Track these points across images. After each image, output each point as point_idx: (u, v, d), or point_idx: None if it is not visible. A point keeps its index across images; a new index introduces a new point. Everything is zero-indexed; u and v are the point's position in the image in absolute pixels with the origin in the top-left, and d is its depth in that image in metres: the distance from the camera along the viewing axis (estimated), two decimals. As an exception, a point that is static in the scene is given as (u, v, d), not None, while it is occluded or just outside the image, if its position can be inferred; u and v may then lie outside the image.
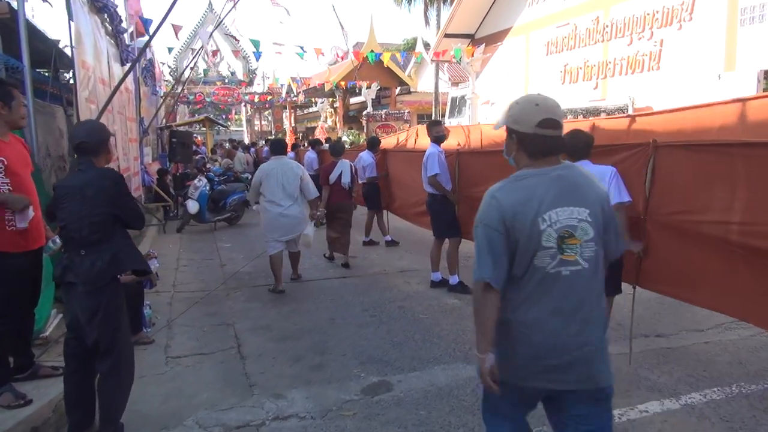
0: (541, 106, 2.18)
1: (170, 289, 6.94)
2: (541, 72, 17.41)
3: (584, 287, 2.15)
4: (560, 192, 2.15)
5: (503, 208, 2.14)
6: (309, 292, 6.77)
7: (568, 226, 2.11)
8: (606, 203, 2.25)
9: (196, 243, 9.98)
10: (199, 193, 10.83)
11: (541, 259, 2.10)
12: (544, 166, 2.19)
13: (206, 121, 18.08)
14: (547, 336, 2.12)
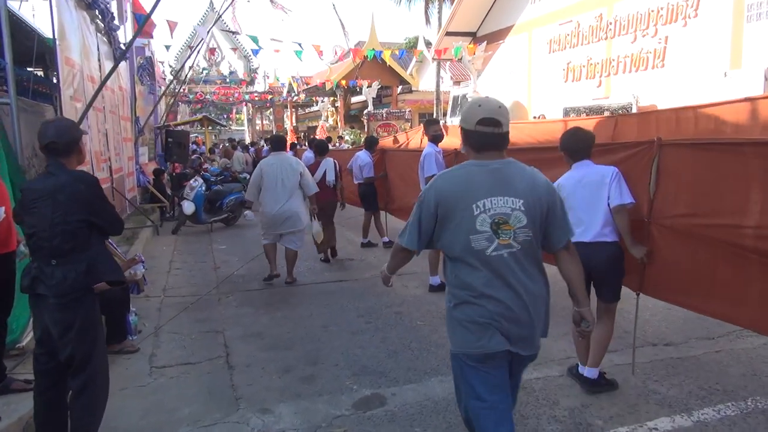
0: (483, 106, 2.47)
1: (160, 294, 6.72)
2: (544, 70, 17.15)
3: (521, 266, 2.42)
4: (496, 183, 2.41)
5: (440, 192, 2.45)
6: (303, 296, 6.54)
7: (502, 214, 2.38)
8: (545, 195, 2.47)
9: (191, 245, 9.76)
10: (194, 194, 10.61)
11: (479, 243, 2.38)
12: (485, 159, 2.46)
13: (205, 120, 17.80)
14: (498, 310, 2.40)
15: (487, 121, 2.42)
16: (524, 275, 2.42)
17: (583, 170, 3.98)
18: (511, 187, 2.41)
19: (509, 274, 2.39)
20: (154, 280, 7.25)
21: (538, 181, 2.49)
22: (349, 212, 11.04)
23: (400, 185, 8.41)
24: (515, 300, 2.40)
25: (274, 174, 6.68)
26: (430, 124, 6.52)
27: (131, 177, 10.53)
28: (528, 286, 2.42)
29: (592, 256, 3.89)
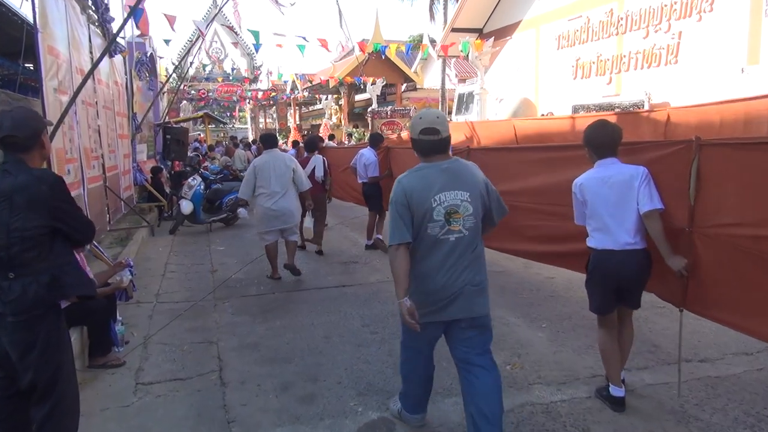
0: (423, 118, 2.97)
1: (153, 300, 6.28)
2: (552, 67, 16.68)
3: (465, 247, 2.90)
4: (447, 180, 2.86)
5: (406, 190, 2.88)
6: (304, 303, 6.10)
7: (453, 205, 2.85)
8: (483, 188, 2.99)
9: (188, 246, 9.32)
10: (193, 193, 10.17)
11: (432, 229, 2.85)
12: (435, 161, 2.93)
13: (206, 117, 17.31)
14: (438, 282, 2.89)
15: (427, 130, 2.91)
16: (467, 258, 2.92)
17: (609, 169, 3.54)
18: (460, 182, 2.90)
19: (456, 254, 2.89)
20: (147, 285, 6.82)
21: (478, 176, 3.03)
22: (353, 212, 10.61)
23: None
24: (461, 277, 2.91)
25: (268, 171, 6.67)
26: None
27: (127, 175, 10.11)
28: (472, 263, 2.94)
29: (621, 265, 3.48)
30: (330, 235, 9.49)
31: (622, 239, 3.46)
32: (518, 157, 5.24)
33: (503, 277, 6.83)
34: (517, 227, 5.17)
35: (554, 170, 4.55)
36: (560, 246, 4.59)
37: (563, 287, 6.26)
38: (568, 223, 3.98)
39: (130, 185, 10.28)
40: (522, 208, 5.01)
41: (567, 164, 4.33)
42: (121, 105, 9.83)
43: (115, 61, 9.52)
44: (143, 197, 11.71)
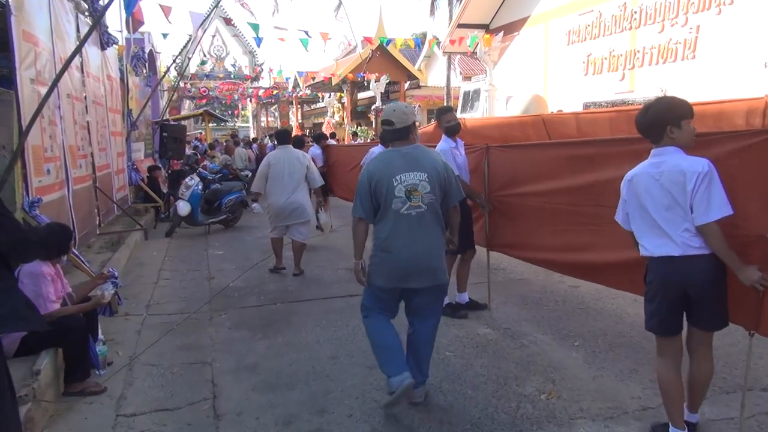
0: (384, 111, 3.54)
1: (143, 311, 5.70)
2: (562, 63, 16.08)
3: (426, 222, 3.36)
4: (407, 162, 3.36)
5: (371, 174, 3.40)
6: (308, 315, 5.51)
7: (413, 184, 3.32)
8: (442, 170, 3.39)
9: (185, 249, 8.74)
10: (190, 193, 9.59)
11: (396, 205, 3.32)
12: (398, 147, 3.45)
13: (206, 115, 16.63)
14: (404, 254, 3.34)
15: (384, 122, 3.42)
16: (426, 229, 3.33)
17: (664, 162, 2.90)
18: (418, 164, 3.32)
19: (417, 227, 3.30)
20: (138, 294, 6.25)
21: (437, 161, 3.42)
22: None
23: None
24: (419, 246, 3.31)
25: (281, 167, 6.71)
26: (443, 113, 5.36)
27: (121, 174, 9.53)
28: (429, 236, 3.35)
29: (684, 274, 2.86)
30: (336, 238, 8.91)
31: (682, 244, 2.86)
32: (550, 153, 4.64)
33: (523, 285, 6.24)
34: (548, 232, 4.60)
35: (599, 167, 3.96)
36: (604, 255, 3.99)
37: (591, 297, 5.67)
38: (613, 227, 3.40)
39: (124, 185, 9.70)
40: (555, 210, 4.43)
41: (614, 161, 3.74)
42: (114, 101, 9.25)
43: (108, 55, 8.94)
44: (139, 197, 11.14)
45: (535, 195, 4.71)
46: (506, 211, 5.12)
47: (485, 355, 4.42)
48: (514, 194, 4.96)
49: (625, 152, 3.57)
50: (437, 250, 3.43)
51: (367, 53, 21.40)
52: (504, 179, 5.11)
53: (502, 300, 5.70)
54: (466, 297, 5.49)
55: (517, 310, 5.47)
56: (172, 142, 10.83)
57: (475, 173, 5.39)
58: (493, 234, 5.32)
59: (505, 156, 5.15)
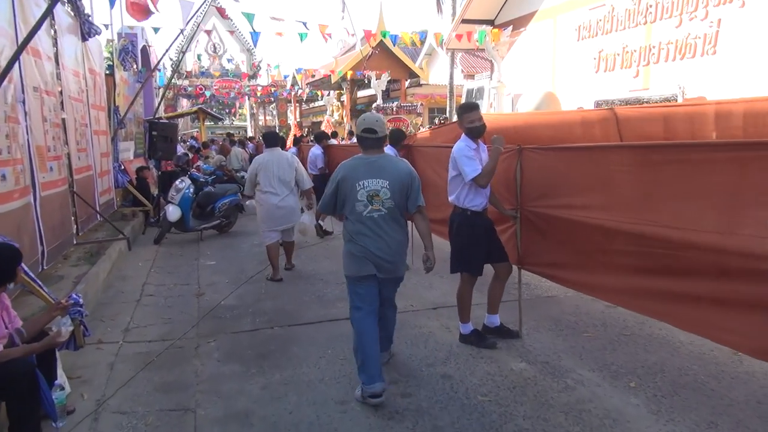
0: (365, 120, 3.80)
1: (119, 338, 4.88)
2: (571, 59, 15.30)
3: (386, 223, 3.70)
4: (371, 170, 3.67)
5: (339, 175, 3.73)
6: (310, 342, 4.70)
7: (374, 189, 3.64)
8: (406, 179, 3.72)
9: (174, 259, 7.91)
10: (181, 197, 8.77)
11: (359, 207, 3.66)
12: (368, 155, 3.75)
13: (200, 112, 15.68)
14: (369, 248, 3.68)
15: (367, 130, 3.73)
16: (388, 228, 3.72)
17: None
18: (382, 172, 3.68)
19: (377, 227, 3.69)
20: (117, 315, 5.44)
21: (401, 169, 3.76)
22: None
23: (431, 190, 6.60)
24: (380, 243, 3.69)
25: (271, 170, 6.48)
26: (466, 110, 4.48)
27: (105, 177, 8.69)
28: (390, 235, 3.73)
29: None
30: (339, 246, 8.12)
31: None
32: (611, 158, 3.82)
33: (553, 305, 5.44)
34: (599, 254, 3.80)
35: (682, 179, 3.13)
36: (676, 287, 3.18)
37: (635, 321, 4.87)
38: (693, 254, 2.61)
39: (109, 188, 8.87)
40: (611, 229, 3.63)
41: (706, 171, 2.93)
42: (98, 97, 8.42)
43: (91, 47, 8.11)
44: (128, 200, 10.30)
45: (586, 208, 3.91)
46: (545, 227, 4.31)
47: (526, 401, 3.61)
48: (557, 206, 4.15)
49: (722, 160, 2.78)
50: (398, 246, 3.79)
51: (367, 50, 20.58)
52: (543, 188, 4.30)
53: (533, 324, 4.90)
54: (497, 320, 4.69)
55: (552, 337, 4.67)
56: (162, 142, 9.98)
57: (502, 180, 4.58)
58: (526, 251, 4.52)
59: (545, 160, 4.33)
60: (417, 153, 6.96)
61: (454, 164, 4.36)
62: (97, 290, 5.95)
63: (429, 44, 29.81)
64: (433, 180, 6.44)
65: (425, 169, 6.69)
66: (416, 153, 6.96)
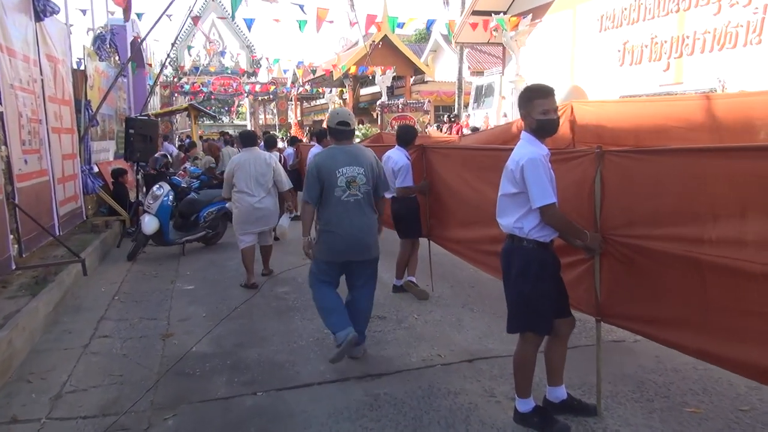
0: (339, 114, 4.10)
1: (44, 410, 3.48)
2: (593, 52, 13.92)
3: (361, 207, 3.92)
4: (348, 158, 3.92)
5: (318, 166, 3.91)
6: (309, 422, 3.31)
7: (352, 176, 3.88)
8: (376, 167, 4.03)
9: (146, 282, 6.51)
10: (158, 205, 7.39)
11: (337, 192, 3.86)
12: (342, 145, 4.01)
13: (191, 109, 14.23)
14: (345, 232, 3.87)
15: (342, 123, 4.00)
16: (362, 212, 3.92)
17: None
18: (357, 160, 3.93)
19: (355, 211, 3.89)
20: (51, 371, 4.05)
21: (372, 158, 4.03)
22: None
23: (451, 201, 5.21)
24: (356, 227, 3.89)
25: (248, 170, 6.11)
26: (537, 95, 3.02)
27: (70, 182, 7.30)
28: (364, 218, 3.93)
29: None
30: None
31: None
32: (739, 167, 2.46)
33: (629, 358, 4.02)
34: (718, 307, 2.47)
35: None
36: None
37: (745, 386, 3.50)
38: None
39: (75, 195, 7.46)
40: (737, 270, 2.29)
41: None
42: (60, 88, 7.01)
43: (50, 30, 6.71)
44: (105, 208, 8.91)
45: (707, 243, 2.54)
46: (641, 264, 2.92)
47: None
48: (652, 237, 2.78)
49: None
50: (370, 228, 4.02)
51: (369, 44, 19.21)
52: (633, 209, 2.92)
53: (611, 389, 3.52)
54: (564, 392, 3.28)
55: (641, 413, 3.28)
56: (141, 141, 8.55)
57: (573, 195, 3.20)
58: (609, 299, 3.12)
59: (638, 168, 2.93)
60: (434, 155, 5.56)
61: (514, 177, 2.95)
62: (34, 332, 4.56)
63: (434, 40, 28.46)
64: (457, 188, 5.06)
65: (447, 174, 5.30)
66: (433, 155, 5.56)
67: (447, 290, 5.75)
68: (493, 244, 4.09)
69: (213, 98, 28.99)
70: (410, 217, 5.56)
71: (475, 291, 5.70)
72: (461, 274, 6.22)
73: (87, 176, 7.85)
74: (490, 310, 5.06)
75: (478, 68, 22.76)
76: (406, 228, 5.62)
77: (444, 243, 5.43)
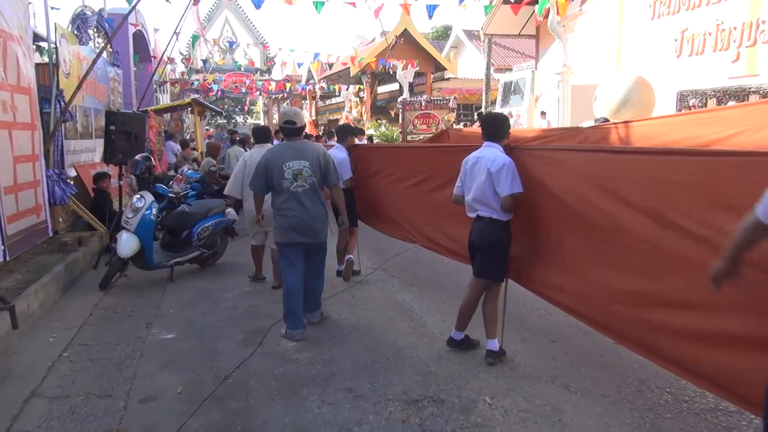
0: (286, 113, 4.54)
1: None
2: (644, 41, 12.10)
3: (308, 196, 4.30)
4: (294, 153, 4.31)
5: (266, 159, 4.34)
6: None
7: (297, 169, 4.27)
8: (323, 159, 4.38)
9: (114, 326, 4.81)
10: (139, 221, 5.73)
11: (285, 183, 4.25)
12: (290, 141, 4.42)
13: (194, 104, 12.50)
14: (294, 218, 4.27)
15: (287, 122, 4.41)
16: (310, 201, 4.30)
17: None
18: (303, 154, 4.31)
19: (302, 199, 4.28)
20: None
21: (319, 151, 4.40)
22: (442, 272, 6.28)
23: (560, 228, 3.50)
24: (304, 213, 4.28)
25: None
26: None
27: (29, 191, 5.66)
28: (311, 206, 4.31)
29: None
30: (363, 312, 5.09)
31: None
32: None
33: None
34: None
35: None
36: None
37: None
38: None
39: (37, 207, 5.83)
40: None
41: None
42: (11, 72, 5.37)
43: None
44: (79, 223, 7.26)
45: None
46: None
47: None
48: None
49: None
50: (318, 215, 4.37)
51: (391, 38, 17.50)
52: None
53: None
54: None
55: None
56: (124, 139, 6.83)
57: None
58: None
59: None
60: (533, 159, 3.77)
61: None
62: None
63: (455, 36, 26.65)
64: (578, 209, 3.29)
65: (556, 187, 3.54)
66: (529, 158, 3.78)
67: (522, 349, 4.02)
68: (642, 308, 2.49)
69: (225, 96, 27.31)
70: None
71: (561, 351, 3.98)
72: (535, 321, 4.50)
73: (56, 183, 6.20)
74: (595, 388, 3.35)
75: (502, 65, 20.97)
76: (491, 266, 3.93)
77: (541, 289, 3.72)
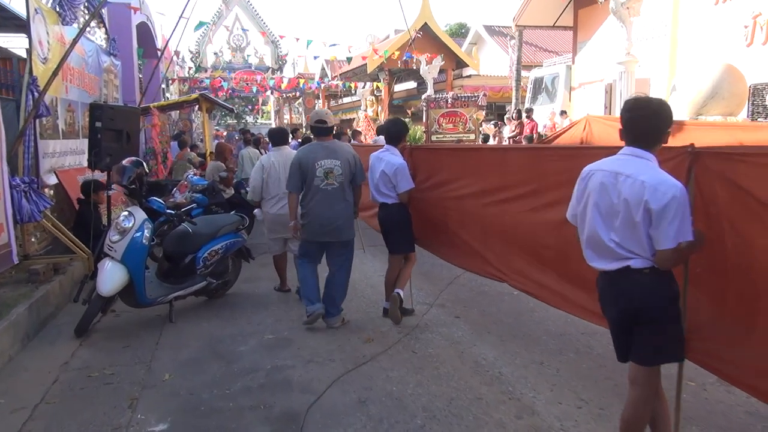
0: (317, 113, 4.58)
1: None
2: (705, 29, 10.54)
3: (337, 195, 4.31)
4: (327, 152, 4.33)
5: (299, 158, 4.36)
6: None
7: (329, 168, 4.28)
8: (352, 160, 4.39)
9: (86, 400, 3.36)
10: (126, 246, 4.30)
11: (317, 181, 4.27)
12: (321, 141, 4.44)
13: (202, 101, 11.09)
14: (322, 216, 4.29)
15: (318, 121, 4.44)
16: (337, 200, 4.30)
17: None
18: (335, 154, 4.33)
19: (331, 198, 4.28)
20: None
21: (349, 152, 4.41)
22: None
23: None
24: (332, 212, 4.30)
25: (277, 172, 5.22)
26: None
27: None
28: (341, 204, 4.33)
29: None
30: (427, 363, 3.62)
31: None
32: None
33: None
34: None
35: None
36: None
37: None
38: None
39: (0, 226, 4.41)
40: None
41: None
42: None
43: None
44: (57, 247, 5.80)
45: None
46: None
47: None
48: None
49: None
50: (345, 214, 4.38)
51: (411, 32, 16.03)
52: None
53: None
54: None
55: None
56: (113, 139, 5.33)
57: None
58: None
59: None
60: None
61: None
62: None
63: (474, 31, 25.15)
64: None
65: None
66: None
67: None
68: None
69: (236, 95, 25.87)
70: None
71: None
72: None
73: (21, 194, 4.76)
74: None
75: (528, 62, 19.41)
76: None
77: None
